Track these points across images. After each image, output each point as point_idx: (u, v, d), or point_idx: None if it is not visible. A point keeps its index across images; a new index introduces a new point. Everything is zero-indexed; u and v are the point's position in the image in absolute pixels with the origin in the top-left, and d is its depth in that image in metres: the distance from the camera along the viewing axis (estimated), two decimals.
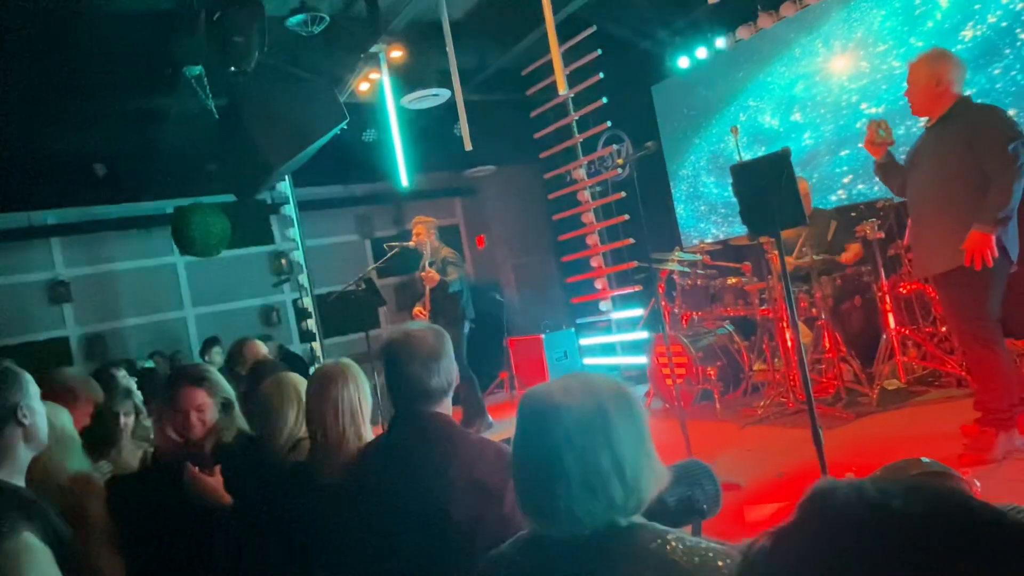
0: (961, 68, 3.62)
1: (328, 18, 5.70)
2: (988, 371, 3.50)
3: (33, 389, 1.80)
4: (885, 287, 4.97)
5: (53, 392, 2.67)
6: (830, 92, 6.46)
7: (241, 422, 2.61)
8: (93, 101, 6.70)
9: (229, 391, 2.55)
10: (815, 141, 6.62)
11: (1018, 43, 5.21)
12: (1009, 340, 4.05)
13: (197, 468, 2.33)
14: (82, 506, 2.31)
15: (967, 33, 5.40)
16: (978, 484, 2.61)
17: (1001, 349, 3.49)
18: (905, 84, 3.69)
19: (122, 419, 3.23)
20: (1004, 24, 5.24)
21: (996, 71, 5.31)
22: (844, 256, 5.24)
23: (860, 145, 6.27)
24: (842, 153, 6.41)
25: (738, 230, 6.86)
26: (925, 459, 2.38)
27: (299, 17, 5.50)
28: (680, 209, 7.97)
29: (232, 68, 4.89)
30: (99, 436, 3.13)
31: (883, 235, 5.01)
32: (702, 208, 7.79)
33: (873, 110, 6.11)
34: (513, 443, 1.24)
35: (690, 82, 7.57)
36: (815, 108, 6.61)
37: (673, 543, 1.12)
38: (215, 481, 2.32)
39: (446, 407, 1.96)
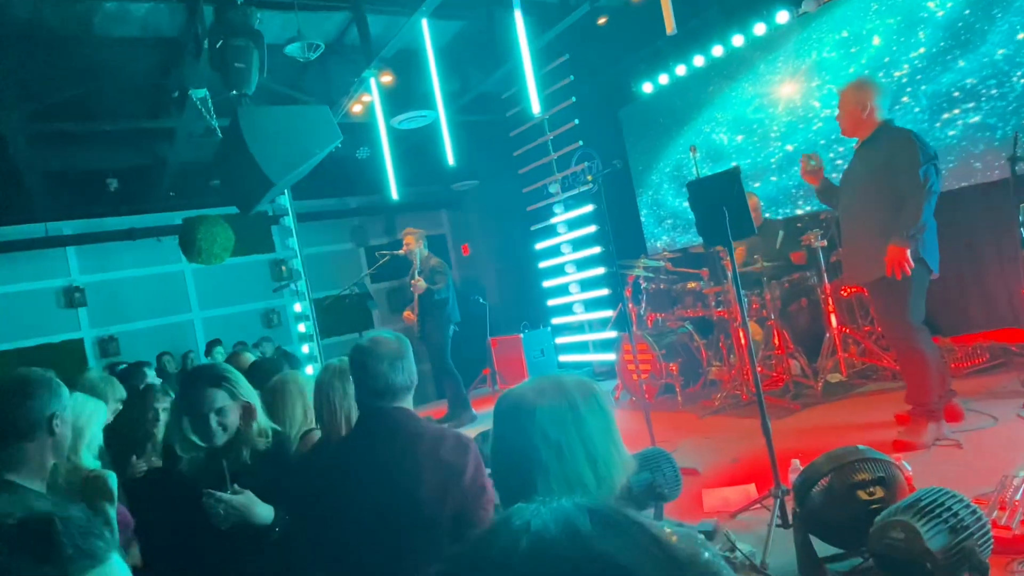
0: (885, 95, 3.70)
1: (323, 45, 5.68)
2: (915, 368, 3.55)
3: (67, 401, 1.72)
4: (828, 290, 5.02)
5: (86, 392, 2.60)
6: (765, 121, 6.42)
7: (268, 424, 2.21)
8: (106, 121, 6.61)
9: (253, 394, 2.15)
10: (743, 168, 6.58)
11: (907, 98, 5.32)
12: (936, 337, 4.10)
13: (228, 486, 1.89)
14: (95, 505, 2.25)
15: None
16: (909, 468, 2.65)
17: (926, 348, 3.53)
18: (817, 123, 3.72)
19: (160, 415, 3.11)
20: (904, 79, 5.34)
21: None
22: (794, 255, 5.27)
23: (772, 179, 6.34)
24: (755, 185, 6.39)
25: (693, 238, 6.88)
26: (862, 446, 2.42)
27: (296, 45, 5.47)
28: (644, 215, 8.01)
29: (234, 91, 4.84)
30: (133, 433, 3.03)
31: (826, 243, 5.06)
32: (663, 216, 7.82)
33: (788, 147, 6.14)
34: (492, 442, 1.24)
35: (653, 104, 7.61)
36: (752, 135, 6.58)
37: None
38: (246, 499, 1.90)
39: (408, 403, 2.00)
